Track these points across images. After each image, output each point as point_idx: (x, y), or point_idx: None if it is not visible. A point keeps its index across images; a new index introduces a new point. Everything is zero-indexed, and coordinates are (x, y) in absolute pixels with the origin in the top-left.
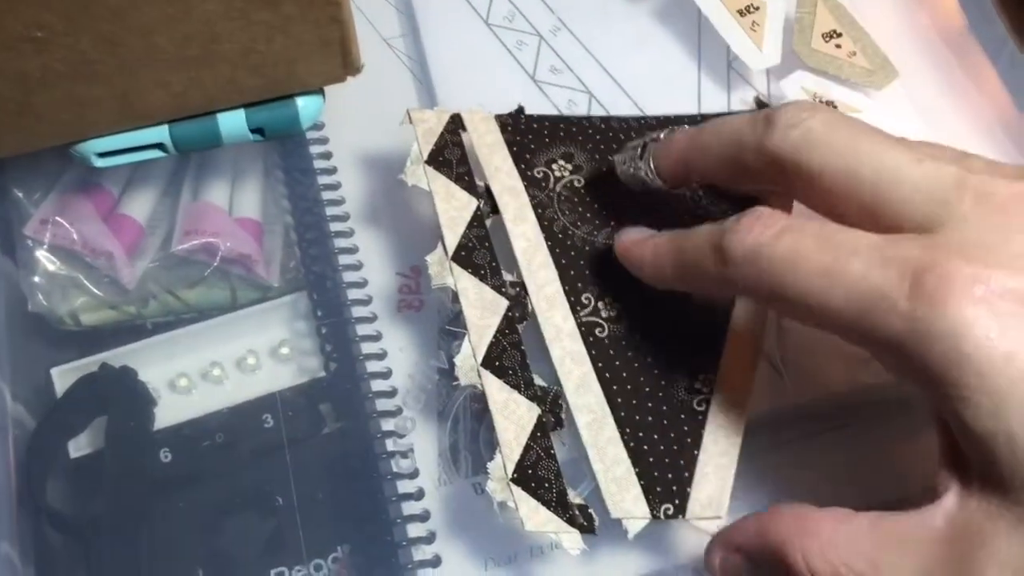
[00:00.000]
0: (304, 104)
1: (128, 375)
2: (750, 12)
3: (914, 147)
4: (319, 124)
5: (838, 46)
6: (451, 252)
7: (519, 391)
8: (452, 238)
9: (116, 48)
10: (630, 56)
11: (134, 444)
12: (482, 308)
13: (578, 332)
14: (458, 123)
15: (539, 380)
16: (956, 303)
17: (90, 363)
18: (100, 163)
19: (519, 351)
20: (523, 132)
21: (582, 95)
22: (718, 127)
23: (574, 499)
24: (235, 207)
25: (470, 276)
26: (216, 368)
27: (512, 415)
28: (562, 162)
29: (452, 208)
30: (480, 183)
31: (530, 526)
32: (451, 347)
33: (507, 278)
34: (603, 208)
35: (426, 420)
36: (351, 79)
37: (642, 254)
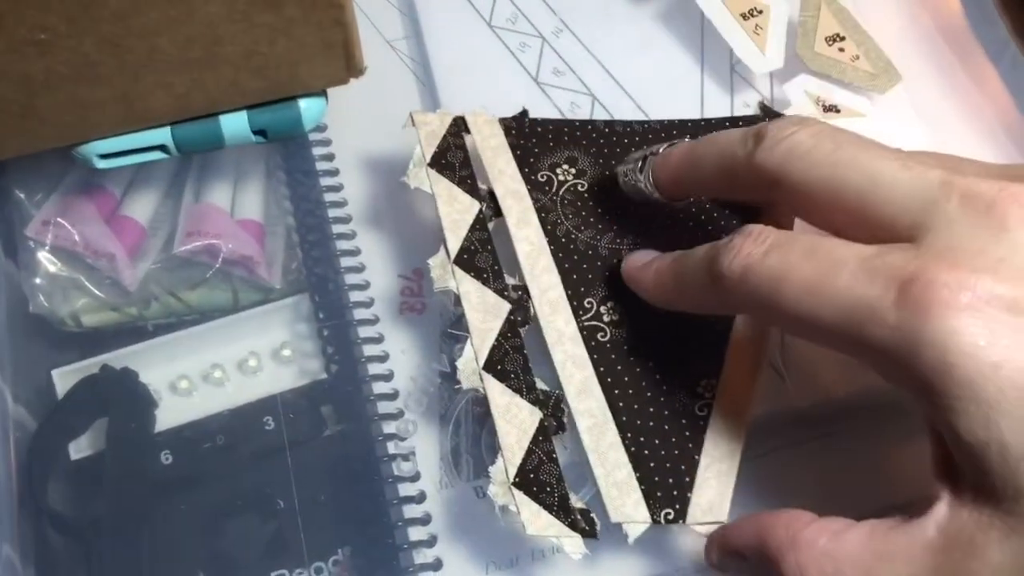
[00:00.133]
0: (307, 106)
1: (129, 377)
2: (753, 15)
3: (901, 155)
4: (322, 126)
5: (841, 50)
6: (453, 255)
7: (521, 395)
8: (454, 241)
9: (119, 50)
10: (633, 59)
11: (135, 446)
12: (484, 311)
13: (580, 336)
14: (461, 126)
15: (541, 384)
16: (942, 312)
17: (91, 365)
18: (102, 165)
19: (521, 355)
20: (527, 136)
21: (585, 97)
22: (711, 143)
23: (576, 503)
24: (237, 209)
25: (472, 279)
26: (217, 370)
27: (514, 419)
28: (566, 166)
29: (454, 211)
30: (483, 186)
31: (531, 530)
32: (453, 350)
33: (509, 282)
34: (606, 213)
35: (428, 423)
36: (354, 81)
37: (645, 278)
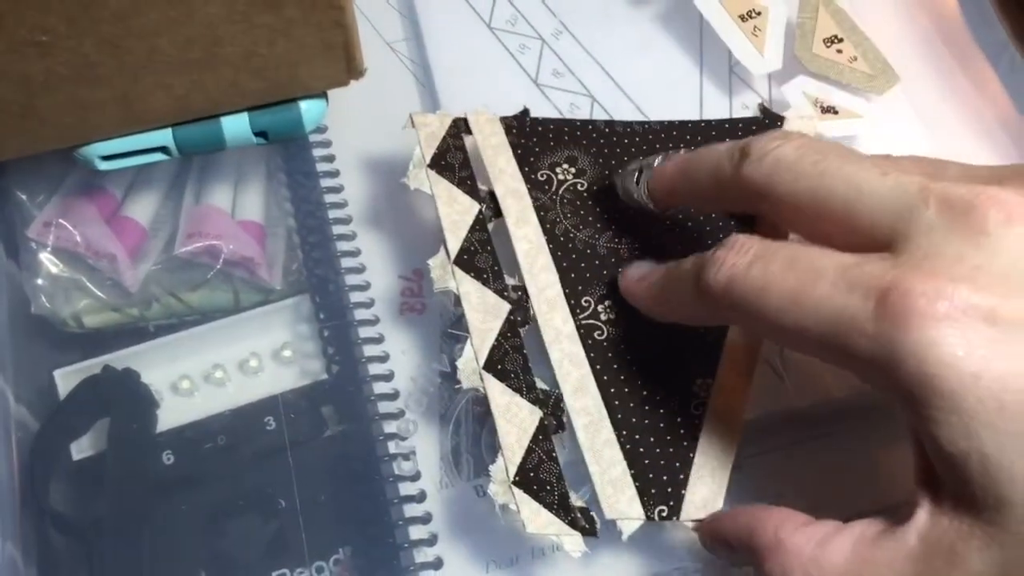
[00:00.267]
0: (307, 107)
1: (131, 377)
2: (752, 17)
3: (883, 163)
4: (322, 127)
5: (839, 51)
6: (453, 256)
7: (521, 394)
8: (454, 242)
9: (118, 51)
10: (632, 60)
11: (136, 446)
12: (484, 312)
13: (577, 335)
14: (461, 127)
15: (541, 384)
16: (920, 322)
17: (93, 365)
18: (103, 166)
19: (521, 355)
20: (528, 135)
21: (584, 99)
22: (701, 158)
23: (576, 502)
24: (238, 210)
25: (472, 280)
26: (218, 370)
27: (514, 418)
28: (566, 165)
29: (454, 212)
30: (483, 187)
31: (531, 529)
32: (453, 350)
33: (509, 282)
34: (605, 212)
35: (428, 423)
36: (354, 83)
37: (640, 292)
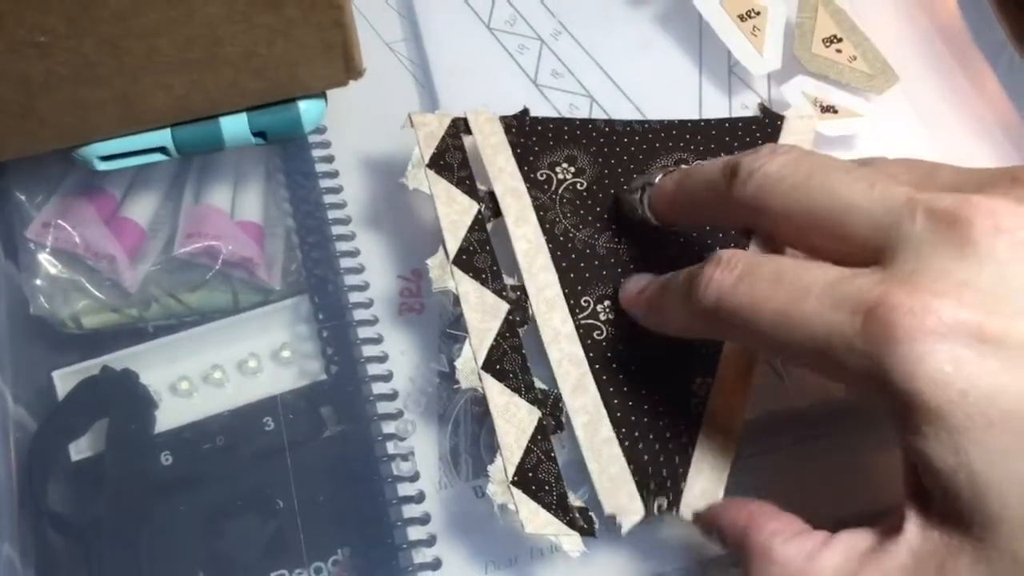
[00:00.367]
0: (306, 108)
1: (129, 378)
2: (751, 17)
3: (871, 174)
4: (321, 128)
5: (839, 51)
6: (452, 256)
7: (520, 394)
8: (453, 242)
9: (118, 51)
10: (631, 60)
11: (135, 447)
12: (483, 312)
13: (576, 334)
14: (460, 127)
15: (540, 384)
16: (907, 338)
17: (91, 366)
18: (102, 166)
19: (520, 355)
20: (527, 134)
21: (583, 99)
22: (696, 176)
23: (574, 502)
24: (237, 210)
25: (471, 280)
26: (217, 371)
27: (513, 418)
28: (565, 165)
29: (453, 212)
30: (482, 187)
31: (530, 529)
32: (452, 350)
33: (508, 282)
34: (605, 212)
35: (427, 423)
36: (353, 83)
37: (638, 307)
